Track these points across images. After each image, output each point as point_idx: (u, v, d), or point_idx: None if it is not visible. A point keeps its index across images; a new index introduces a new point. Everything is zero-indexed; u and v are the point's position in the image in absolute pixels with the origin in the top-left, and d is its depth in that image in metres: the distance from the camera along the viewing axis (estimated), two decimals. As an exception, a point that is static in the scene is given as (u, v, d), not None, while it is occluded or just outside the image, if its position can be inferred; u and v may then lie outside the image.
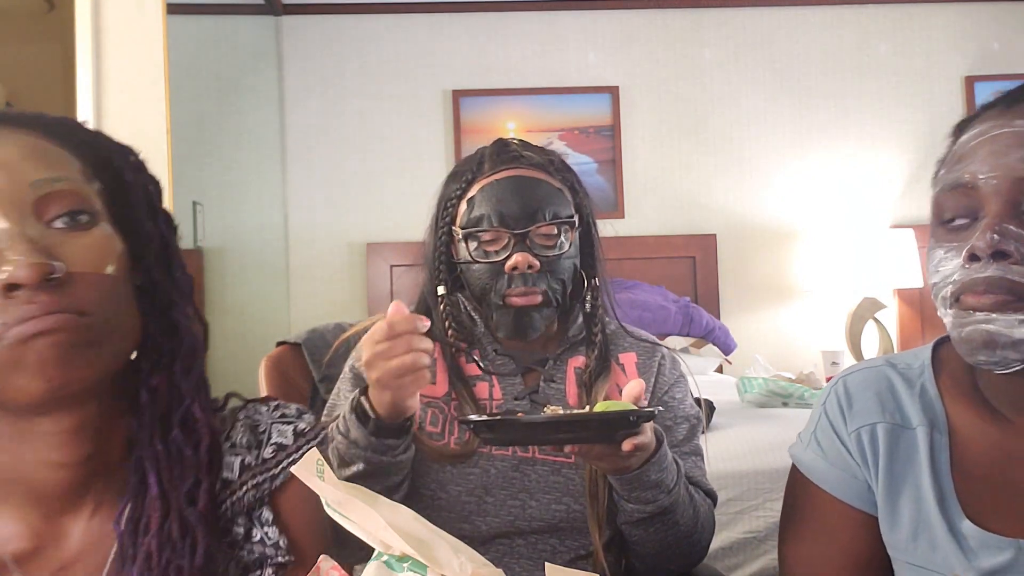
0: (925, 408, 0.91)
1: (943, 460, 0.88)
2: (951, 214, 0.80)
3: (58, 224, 0.68)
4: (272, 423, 0.81)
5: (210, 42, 3.62)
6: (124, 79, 2.13)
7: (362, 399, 1.05)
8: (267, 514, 0.77)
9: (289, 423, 0.81)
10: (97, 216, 0.71)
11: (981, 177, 0.77)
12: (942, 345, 0.95)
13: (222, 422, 0.80)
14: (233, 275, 3.59)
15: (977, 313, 0.76)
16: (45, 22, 3.06)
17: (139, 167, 0.78)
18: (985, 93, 4.44)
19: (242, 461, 0.77)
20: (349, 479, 1.07)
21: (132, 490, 0.72)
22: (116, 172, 0.75)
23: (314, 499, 0.81)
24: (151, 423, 0.73)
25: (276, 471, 0.78)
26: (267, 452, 0.79)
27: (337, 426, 1.08)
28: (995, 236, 0.75)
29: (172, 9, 2.23)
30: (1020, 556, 0.82)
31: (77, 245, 0.68)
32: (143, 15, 2.16)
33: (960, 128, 0.85)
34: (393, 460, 1.07)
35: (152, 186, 0.78)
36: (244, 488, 0.76)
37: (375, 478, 1.07)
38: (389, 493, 1.10)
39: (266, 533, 0.76)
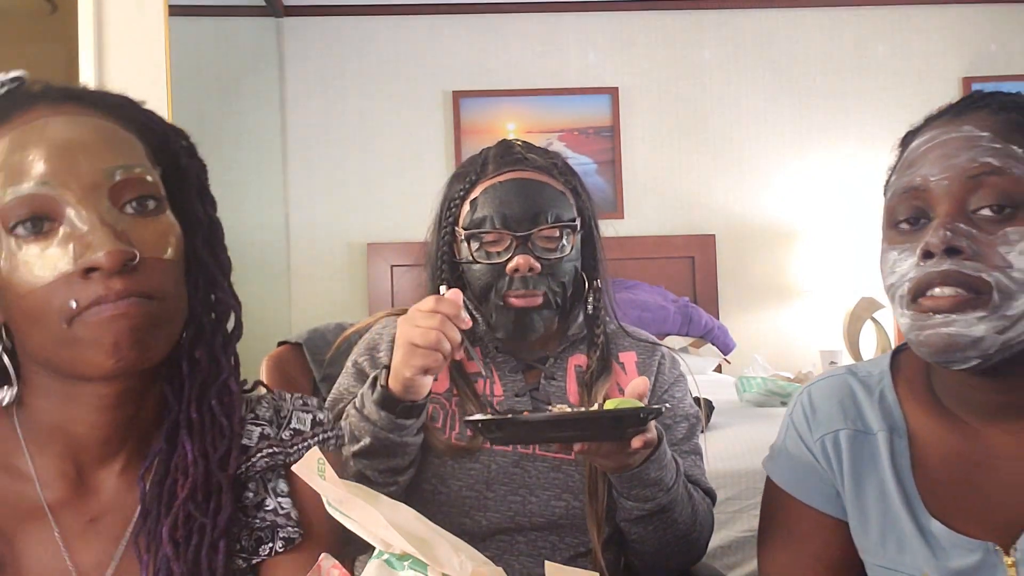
0: (884, 414, 0.93)
1: (904, 464, 0.90)
2: (903, 216, 0.83)
3: (128, 209, 0.71)
4: (294, 409, 0.84)
5: (211, 43, 3.63)
6: (126, 80, 2.14)
7: (383, 371, 1.08)
8: (283, 486, 0.80)
9: (309, 412, 0.85)
10: (162, 202, 0.74)
11: (932, 179, 0.80)
12: (901, 352, 0.97)
13: (247, 401, 0.84)
14: (234, 275, 3.59)
15: (935, 315, 0.78)
16: (47, 23, 3.06)
17: (192, 151, 0.81)
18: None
19: (262, 431, 0.80)
20: (356, 454, 1.09)
21: (160, 452, 0.76)
22: (174, 156, 0.79)
23: None
24: (190, 392, 0.76)
25: (291, 451, 0.81)
26: (285, 434, 0.82)
27: (354, 402, 1.11)
28: (948, 233, 0.77)
29: (174, 10, 2.23)
30: (988, 558, 0.83)
31: (146, 231, 0.71)
32: (145, 16, 2.16)
33: (908, 138, 0.88)
34: (400, 440, 1.08)
35: (202, 171, 0.82)
36: (259, 455, 0.79)
37: (380, 456, 1.09)
38: (394, 475, 1.12)
39: (279, 504, 0.79)
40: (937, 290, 0.78)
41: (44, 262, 0.67)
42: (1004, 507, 0.84)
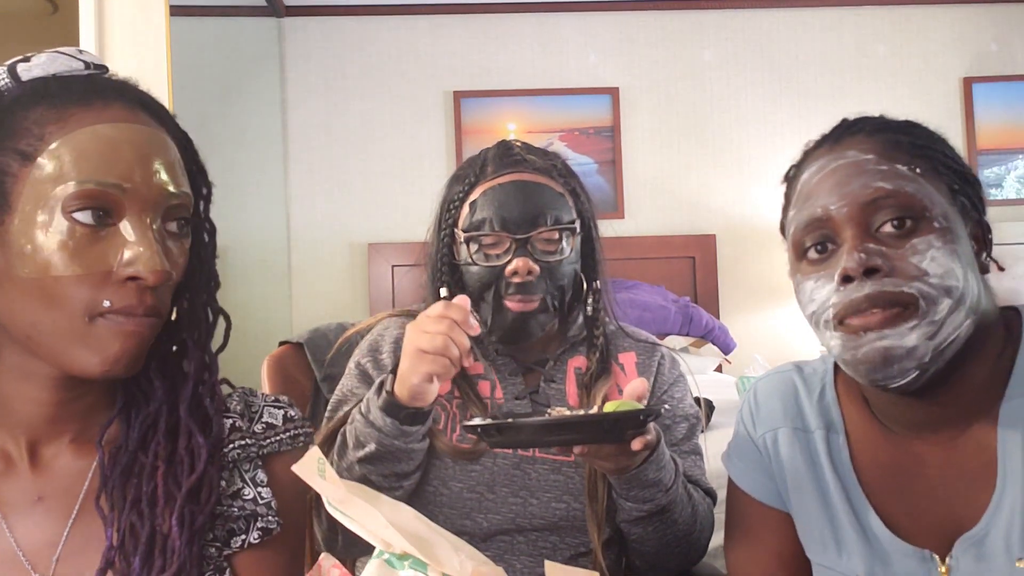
0: (822, 412, 0.94)
1: (843, 460, 0.91)
2: (810, 244, 0.85)
3: (171, 227, 0.75)
4: (265, 405, 0.86)
5: (212, 44, 3.63)
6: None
7: (389, 376, 1.08)
8: (262, 475, 0.81)
9: (281, 408, 0.86)
10: (190, 225, 0.77)
11: (832, 208, 0.82)
12: None
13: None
14: (235, 275, 3.60)
15: (867, 333, 0.79)
16: (49, 24, 3.07)
17: (205, 172, 0.84)
18: (983, 94, 4.44)
19: (233, 423, 0.82)
20: (361, 460, 1.09)
21: (153, 443, 0.77)
22: (198, 174, 0.82)
23: (298, 479, 0.85)
24: (193, 390, 0.79)
25: (264, 443, 0.83)
26: (257, 427, 0.83)
27: (359, 407, 1.10)
28: (862, 256, 0.79)
29: (175, 11, 2.23)
30: (926, 566, 0.84)
31: (176, 252, 0.75)
32: (146, 17, 2.17)
33: (793, 174, 0.91)
34: (405, 446, 1.08)
35: (210, 188, 0.84)
36: (231, 446, 0.80)
37: (385, 461, 1.09)
38: (398, 480, 1.12)
39: (259, 493, 0.80)
40: (865, 314, 0.80)
41: (90, 254, 0.69)
42: (937, 515, 0.85)
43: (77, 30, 2.16)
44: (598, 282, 1.26)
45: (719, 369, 3.65)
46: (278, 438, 0.83)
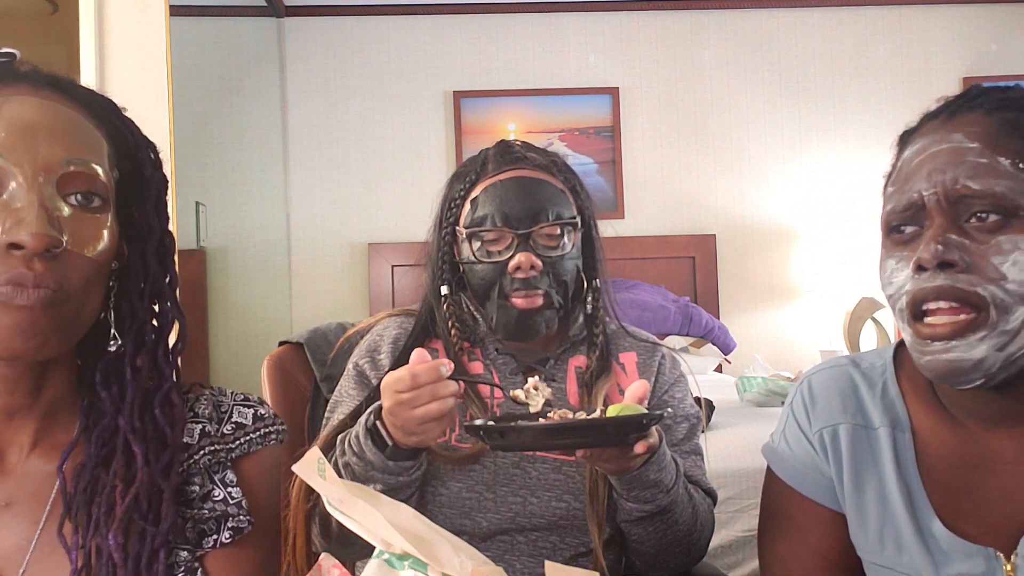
0: (887, 408, 0.92)
1: (908, 458, 0.89)
2: (897, 222, 0.83)
3: (72, 200, 0.72)
4: (234, 404, 0.85)
5: (212, 43, 3.63)
6: (127, 81, 2.14)
7: (378, 424, 1.04)
8: (231, 476, 0.81)
9: (250, 407, 0.85)
10: (107, 203, 0.75)
11: (925, 194, 0.80)
12: (904, 345, 0.95)
13: (186, 400, 0.85)
14: (235, 275, 3.61)
15: (934, 343, 0.78)
16: (49, 24, 3.07)
17: (157, 165, 0.82)
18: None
19: (202, 428, 0.81)
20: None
21: (96, 456, 0.75)
22: (137, 165, 0.80)
23: (270, 476, 0.84)
24: (133, 399, 0.77)
25: (233, 445, 0.82)
26: (227, 428, 0.82)
27: (350, 444, 1.08)
28: (939, 247, 0.77)
29: (175, 11, 2.23)
30: (988, 564, 0.82)
31: (81, 225, 0.72)
32: (146, 17, 2.17)
33: (904, 140, 0.88)
34: (409, 479, 1.07)
35: (162, 185, 0.83)
36: (201, 452, 0.80)
37: (393, 494, 1.06)
38: (410, 497, 1.11)
39: (229, 493, 0.80)
40: (932, 304, 0.78)
41: None
42: (1004, 511, 0.83)
43: (77, 30, 2.15)
44: (598, 281, 1.26)
45: (719, 369, 3.66)
46: (248, 438, 0.83)
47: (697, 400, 1.31)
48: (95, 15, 2.14)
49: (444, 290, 1.24)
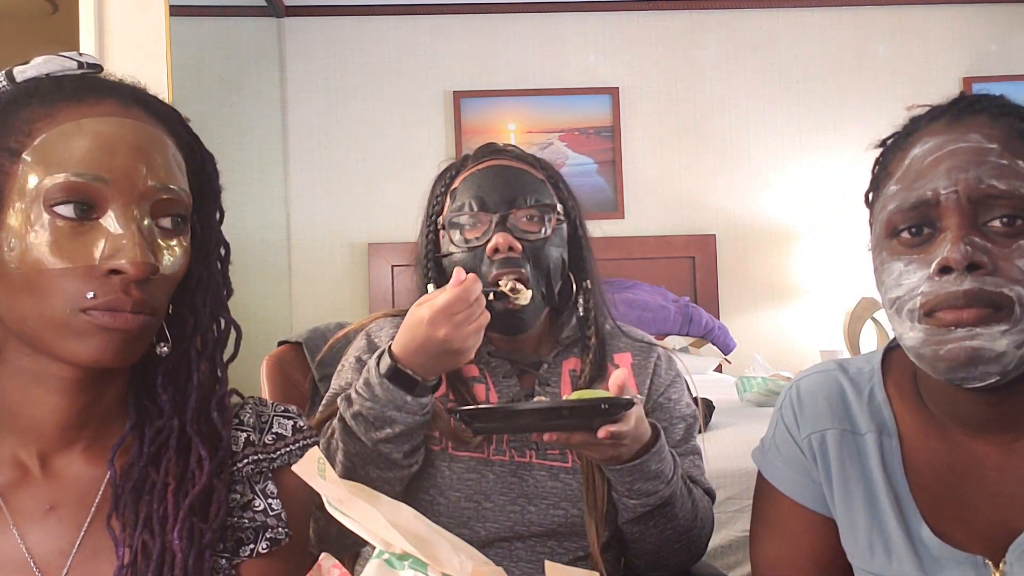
0: (873, 413, 0.91)
1: (895, 464, 0.89)
2: (906, 225, 0.80)
3: (163, 223, 0.74)
4: (275, 415, 0.86)
5: (213, 44, 3.63)
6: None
7: (402, 369, 1.05)
8: (272, 487, 0.82)
9: (290, 419, 0.87)
10: (187, 222, 0.77)
11: (943, 192, 0.78)
12: (892, 350, 0.95)
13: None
14: (235, 275, 3.57)
15: (958, 329, 0.76)
16: (49, 24, 3.07)
17: (217, 176, 0.85)
18: (984, 94, 4.41)
19: (247, 437, 0.82)
20: (381, 440, 1.07)
21: (145, 455, 0.77)
22: (207, 179, 0.82)
23: (306, 490, 0.83)
24: (196, 402, 0.79)
25: (274, 455, 0.83)
26: (268, 438, 0.84)
27: (358, 392, 1.08)
28: (968, 248, 0.75)
29: (175, 11, 2.23)
30: (980, 573, 0.82)
31: (170, 247, 0.74)
32: (146, 17, 2.17)
33: (893, 143, 0.87)
34: (424, 420, 1.08)
35: (220, 194, 0.85)
36: (245, 461, 0.81)
37: (407, 438, 1.08)
38: (415, 454, 1.11)
39: (270, 504, 0.81)
40: (961, 309, 0.76)
41: (73, 247, 0.69)
42: (991, 519, 0.83)
43: (77, 30, 2.15)
44: (588, 282, 1.26)
45: (719, 369, 3.66)
46: (287, 449, 0.84)
47: (695, 400, 1.31)
48: (95, 15, 2.14)
49: (430, 288, 1.23)
